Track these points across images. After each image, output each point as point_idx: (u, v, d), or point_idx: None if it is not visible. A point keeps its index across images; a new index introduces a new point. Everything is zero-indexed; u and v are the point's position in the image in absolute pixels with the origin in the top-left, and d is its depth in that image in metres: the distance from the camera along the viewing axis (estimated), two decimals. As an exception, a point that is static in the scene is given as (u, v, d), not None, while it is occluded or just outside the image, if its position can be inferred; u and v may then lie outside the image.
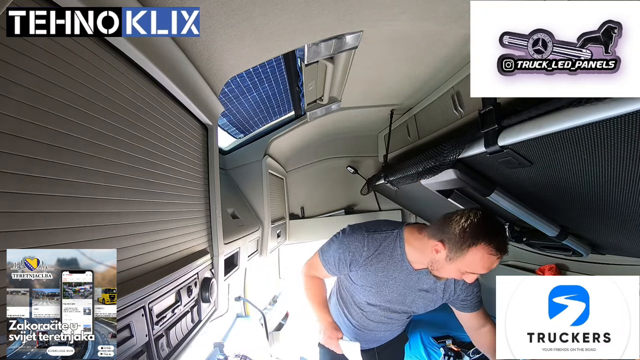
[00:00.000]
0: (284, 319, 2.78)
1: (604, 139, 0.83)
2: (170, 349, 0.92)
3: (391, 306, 1.29)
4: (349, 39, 1.28)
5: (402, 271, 1.19)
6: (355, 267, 1.19)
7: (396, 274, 1.19)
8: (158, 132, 0.92)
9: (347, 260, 1.19)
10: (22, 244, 0.51)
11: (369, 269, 1.19)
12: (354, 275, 1.23)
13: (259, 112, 2.04)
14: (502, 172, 1.31)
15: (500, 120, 1.09)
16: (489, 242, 0.98)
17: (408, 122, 2.19)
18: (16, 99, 0.50)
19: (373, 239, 1.18)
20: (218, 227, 1.33)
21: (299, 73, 1.72)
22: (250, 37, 1.09)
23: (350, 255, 1.18)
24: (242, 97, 1.78)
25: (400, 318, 1.37)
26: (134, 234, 0.79)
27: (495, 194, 1.47)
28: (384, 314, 1.33)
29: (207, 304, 1.20)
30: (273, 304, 2.78)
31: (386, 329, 1.39)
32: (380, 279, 1.20)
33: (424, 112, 1.98)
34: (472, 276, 1.05)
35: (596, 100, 0.75)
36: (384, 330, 1.40)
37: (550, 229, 1.57)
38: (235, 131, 2.17)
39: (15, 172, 0.50)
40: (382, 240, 1.18)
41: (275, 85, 1.82)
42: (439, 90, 1.75)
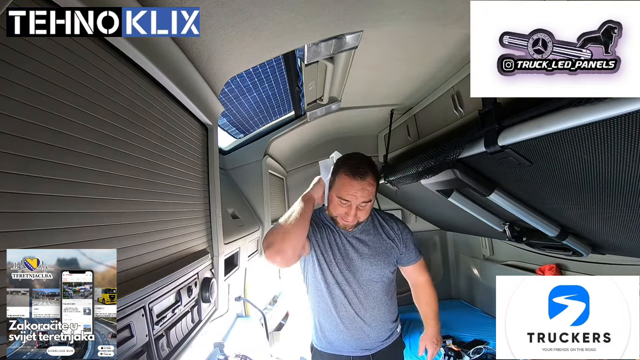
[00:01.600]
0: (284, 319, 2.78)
1: (604, 139, 0.83)
2: (171, 349, 0.92)
3: (348, 275, 1.32)
4: (349, 39, 1.28)
5: (334, 232, 1.35)
6: (313, 231, 1.34)
7: (332, 238, 1.35)
8: (158, 132, 0.92)
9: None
10: (22, 244, 0.51)
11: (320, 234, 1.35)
12: (315, 240, 1.35)
13: (259, 112, 2.04)
14: (502, 172, 1.31)
15: (500, 120, 1.09)
16: (346, 168, 1.23)
17: (408, 122, 2.19)
18: (16, 99, 0.50)
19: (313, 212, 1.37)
20: (218, 227, 1.33)
21: (299, 73, 1.72)
22: (250, 37, 1.09)
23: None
24: (242, 97, 1.78)
25: (371, 292, 1.32)
26: (134, 234, 0.79)
27: (495, 194, 1.47)
28: (351, 289, 1.31)
29: (207, 304, 1.20)
30: (273, 304, 2.78)
31: (366, 311, 1.33)
32: (326, 247, 1.34)
33: (424, 112, 1.98)
34: (343, 207, 1.25)
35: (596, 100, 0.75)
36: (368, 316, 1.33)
37: (550, 229, 1.57)
38: (235, 131, 2.17)
39: (15, 172, 0.50)
40: (316, 213, 1.39)
41: (275, 85, 1.82)
42: (439, 90, 1.75)
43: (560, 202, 1.35)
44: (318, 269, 1.33)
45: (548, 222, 1.55)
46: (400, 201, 3.01)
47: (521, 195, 1.47)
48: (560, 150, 0.97)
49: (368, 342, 1.37)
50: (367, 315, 1.34)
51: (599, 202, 1.16)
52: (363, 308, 1.33)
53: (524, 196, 1.47)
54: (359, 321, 1.34)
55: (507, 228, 1.91)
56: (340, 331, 1.36)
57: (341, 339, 1.37)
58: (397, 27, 1.23)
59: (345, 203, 1.23)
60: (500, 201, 1.49)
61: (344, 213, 1.25)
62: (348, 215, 1.24)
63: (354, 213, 1.24)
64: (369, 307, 1.34)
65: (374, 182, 1.24)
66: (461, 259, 3.39)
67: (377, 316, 1.35)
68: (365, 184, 1.21)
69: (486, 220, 1.91)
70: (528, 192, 1.40)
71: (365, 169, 1.22)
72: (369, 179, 1.22)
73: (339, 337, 1.36)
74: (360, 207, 1.24)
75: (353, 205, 1.23)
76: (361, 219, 1.28)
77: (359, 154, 1.29)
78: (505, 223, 1.92)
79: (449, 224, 2.90)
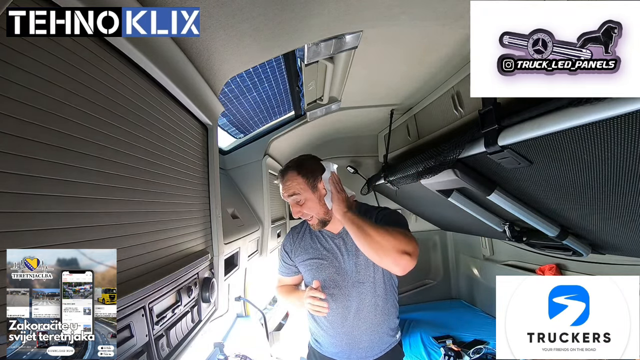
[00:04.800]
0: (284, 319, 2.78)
1: (604, 138, 0.83)
2: (171, 349, 0.92)
3: (337, 277, 1.31)
4: (348, 39, 1.28)
5: (317, 238, 1.38)
6: (293, 255, 1.42)
7: (316, 244, 1.37)
8: (158, 132, 0.92)
9: (287, 254, 1.44)
10: (22, 244, 0.51)
11: (299, 248, 1.40)
12: (297, 260, 1.40)
13: (259, 112, 2.04)
14: (502, 172, 1.31)
15: (500, 120, 1.09)
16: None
17: (408, 122, 2.19)
18: (16, 99, 0.50)
19: (294, 229, 1.47)
20: (218, 227, 1.33)
21: (299, 73, 1.72)
22: (250, 37, 1.09)
23: (286, 249, 1.44)
24: (242, 97, 1.78)
25: (360, 294, 1.28)
26: (134, 234, 0.79)
27: (495, 194, 1.47)
28: (341, 292, 1.29)
29: (207, 304, 1.20)
30: (273, 304, 2.78)
31: (357, 318, 1.28)
32: (310, 253, 1.37)
33: (424, 112, 1.98)
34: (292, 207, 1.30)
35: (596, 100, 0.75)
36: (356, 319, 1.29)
37: (550, 229, 1.57)
38: (235, 131, 2.17)
39: (16, 172, 0.50)
40: (300, 226, 1.46)
41: (275, 85, 1.82)
42: (439, 90, 1.75)
43: (560, 202, 1.35)
44: (309, 275, 1.36)
45: (548, 222, 1.55)
46: (400, 201, 3.01)
47: (521, 195, 1.47)
48: (560, 150, 0.97)
49: (359, 349, 1.30)
50: (356, 319, 1.28)
51: (599, 202, 1.16)
52: (351, 312, 1.28)
53: (524, 196, 1.47)
54: (348, 326, 1.29)
55: (507, 228, 1.91)
56: (329, 336, 1.33)
57: (332, 344, 1.33)
58: (397, 27, 1.23)
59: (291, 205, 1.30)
60: (500, 201, 1.49)
61: (293, 211, 1.31)
62: (294, 213, 1.30)
63: (297, 210, 1.28)
64: (358, 310, 1.28)
65: (295, 177, 1.26)
66: (461, 259, 3.39)
67: (368, 321, 1.29)
68: (285, 180, 1.28)
69: (486, 220, 1.91)
70: (528, 192, 1.40)
71: (285, 166, 1.29)
72: (289, 174, 1.27)
73: (329, 341, 1.34)
74: (296, 201, 1.27)
75: (291, 203, 1.29)
76: (311, 214, 1.28)
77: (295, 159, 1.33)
78: (505, 223, 1.92)
79: (449, 224, 2.90)
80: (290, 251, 1.42)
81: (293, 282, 1.48)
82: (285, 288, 1.48)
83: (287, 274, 1.46)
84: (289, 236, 1.45)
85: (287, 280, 1.48)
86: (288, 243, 1.44)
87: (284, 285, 1.49)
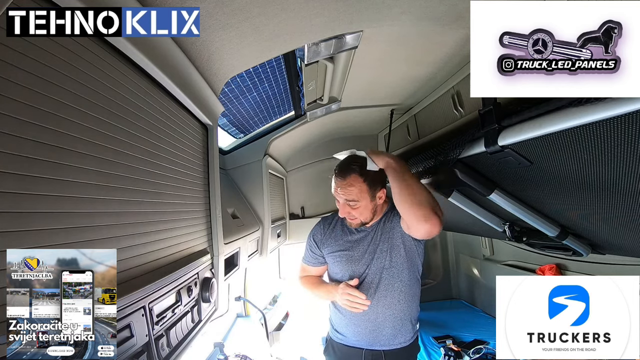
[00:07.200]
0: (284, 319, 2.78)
1: (604, 138, 0.83)
2: (171, 349, 0.92)
3: (364, 269, 1.35)
4: (349, 38, 1.28)
5: (348, 231, 1.41)
6: (322, 245, 1.44)
7: (347, 236, 1.40)
8: (158, 132, 0.92)
9: (315, 244, 1.46)
10: (22, 244, 0.51)
11: (330, 239, 1.43)
12: (326, 251, 1.43)
13: (259, 112, 2.04)
14: (502, 172, 1.31)
15: (500, 120, 1.09)
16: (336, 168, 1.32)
17: (408, 122, 2.19)
18: (16, 99, 0.50)
19: (325, 219, 1.50)
20: (218, 227, 1.33)
21: (299, 73, 1.72)
22: (250, 37, 1.09)
23: (315, 239, 1.47)
24: (242, 97, 1.78)
25: (384, 280, 1.34)
26: (134, 234, 0.79)
27: (495, 194, 1.46)
28: (368, 282, 1.35)
29: (207, 304, 1.20)
30: (273, 304, 2.78)
31: (381, 305, 1.34)
32: (341, 245, 1.41)
33: (424, 112, 1.98)
34: (339, 204, 1.33)
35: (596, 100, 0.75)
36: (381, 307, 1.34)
37: (550, 229, 1.57)
38: (235, 131, 2.17)
39: (15, 172, 0.50)
40: (331, 217, 1.49)
41: (275, 85, 1.82)
42: (439, 90, 1.75)
43: (560, 202, 1.35)
44: (336, 266, 1.39)
45: (548, 222, 1.55)
46: (400, 201, 3.00)
47: (521, 195, 1.47)
48: (560, 150, 0.97)
49: (383, 336, 1.37)
50: (380, 306, 1.35)
51: (599, 202, 1.16)
52: (378, 300, 1.34)
53: (524, 196, 1.46)
54: (372, 312, 1.35)
55: (507, 228, 1.91)
56: (354, 324, 1.38)
57: (356, 332, 1.38)
58: (397, 27, 1.23)
59: (338, 201, 1.32)
60: (500, 201, 1.49)
61: (340, 210, 1.33)
62: (342, 212, 1.32)
63: (346, 211, 1.30)
64: (383, 297, 1.34)
65: (360, 183, 1.26)
66: (461, 259, 3.39)
67: (392, 312, 1.36)
68: (346, 181, 1.26)
69: (486, 220, 1.91)
70: (528, 192, 1.40)
71: (345, 168, 1.27)
72: (352, 178, 1.26)
73: (353, 330, 1.39)
74: (350, 205, 1.28)
75: (341, 202, 1.30)
76: (357, 217, 1.31)
77: (353, 154, 1.34)
78: (505, 223, 1.92)
79: (449, 224, 2.89)
80: (319, 241, 1.45)
81: (317, 273, 1.51)
82: (310, 279, 1.51)
83: (314, 264, 1.48)
84: (319, 226, 1.48)
85: (311, 270, 1.51)
86: (318, 233, 1.46)
87: (308, 276, 1.52)
